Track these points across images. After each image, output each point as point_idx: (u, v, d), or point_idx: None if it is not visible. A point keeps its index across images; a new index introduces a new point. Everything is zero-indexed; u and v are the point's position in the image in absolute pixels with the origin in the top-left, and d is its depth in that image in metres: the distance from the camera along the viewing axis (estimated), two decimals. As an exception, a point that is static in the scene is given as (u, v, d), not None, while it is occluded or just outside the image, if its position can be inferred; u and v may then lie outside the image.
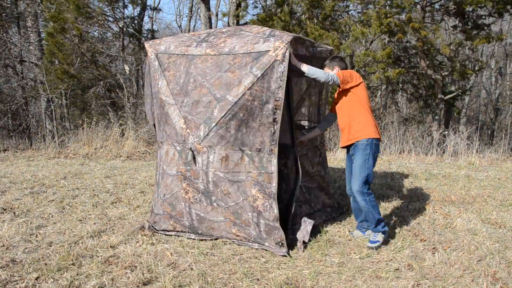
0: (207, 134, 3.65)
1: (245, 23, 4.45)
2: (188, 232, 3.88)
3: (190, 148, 3.71)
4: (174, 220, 3.93)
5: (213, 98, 3.64)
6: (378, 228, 3.71)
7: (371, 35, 9.92)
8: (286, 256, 3.49)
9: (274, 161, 3.53)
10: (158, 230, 4.00)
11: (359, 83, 3.80)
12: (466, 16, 10.21)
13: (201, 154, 3.69)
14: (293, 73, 3.81)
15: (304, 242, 3.71)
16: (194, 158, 3.72)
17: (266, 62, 3.49)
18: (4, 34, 12.11)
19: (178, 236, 3.90)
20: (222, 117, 3.57)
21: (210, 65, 3.69)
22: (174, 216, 3.92)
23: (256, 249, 3.64)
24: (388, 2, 9.70)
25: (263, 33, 3.73)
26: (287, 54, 3.46)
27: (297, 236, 3.78)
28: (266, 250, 3.60)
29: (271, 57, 3.48)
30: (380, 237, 3.70)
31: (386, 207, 4.91)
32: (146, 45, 4.04)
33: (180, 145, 3.78)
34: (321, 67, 4.05)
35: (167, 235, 3.94)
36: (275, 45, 3.49)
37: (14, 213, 4.54)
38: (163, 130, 3.91)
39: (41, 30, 12.97)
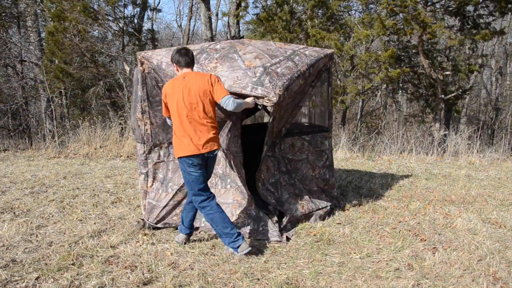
0: None
1: (242, 37, 4.49)
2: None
3: None
4: (181, 209, 3.98)
5: None
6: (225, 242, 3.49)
7: (372, 36, 9.92)
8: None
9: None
10: (158, 227, 4.03)
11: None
12: (466, 15, 10.20)
13: None
14: (290, 98, 4.08)
15: (287, 238, 3.90)
16: None
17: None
18: (4, 34, 12.11)
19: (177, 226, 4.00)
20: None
21: None
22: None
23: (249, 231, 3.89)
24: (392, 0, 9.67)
25: (254, 72, 3.75)
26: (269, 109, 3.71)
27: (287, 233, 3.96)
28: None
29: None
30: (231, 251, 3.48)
31: (386, 207, 4.91)
32: (139, 57, 4.08)
33: None
34: (317, 76, 4.36)
35: (167, 227, 4.04)
36: (260, 99, 3.65)
37: (14, 213, 4.54)
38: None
39: (41, 30, 12.98)
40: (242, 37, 4.39)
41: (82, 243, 3.66)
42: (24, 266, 3.19)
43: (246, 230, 3.88)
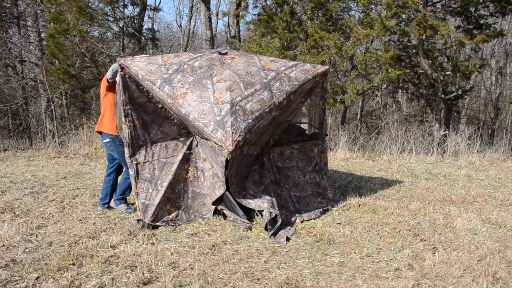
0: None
1: (226, 53, 4.45)
2: (180, 217, 4.26)
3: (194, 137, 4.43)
4: (171, 204, 4.24)
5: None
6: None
7: (372, 36, 9.92)
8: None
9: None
10: (157, 225, 4.11)
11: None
12: (468, 16, 10.20)
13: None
14: (270, 123, 4.18)
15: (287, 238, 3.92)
16: (197, 144, 4.43)
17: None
18: (4, 34, 12.11)
19: (175, 225, 4.13)
20: None
21: (177, 115, 4.15)
22: (172, 199, 4.28)
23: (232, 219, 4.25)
24: (393, 2, 9.68)
25: (220, 110, 3.76)
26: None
27: (280, 233, 3.97)
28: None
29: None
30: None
31: (386, 207, 4.91)
32: (119, 63, 4.13)
33: (183, 137, 4.41)
34: (308, 94, 4.53)
35: (164, 225, 4.14)
36: (220, 143, 3.71)
37: (15, 213, 4.54)
38: (158, 131, 4.32)
39: (41, 30, 12.98)
40: (226, 54, 4.39)
41: (82, 243, 3.66)
42: (24, 266, 3.19)
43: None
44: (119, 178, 4.82)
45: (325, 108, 4.84)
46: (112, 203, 4.77)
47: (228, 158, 3.75)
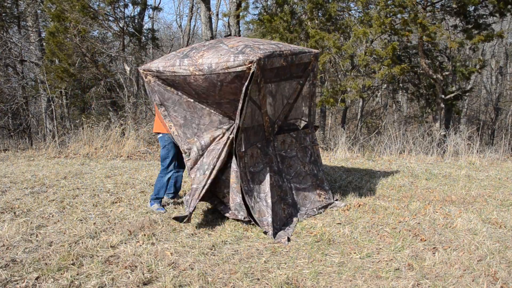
0: None
1: (229, 35, 4.70)
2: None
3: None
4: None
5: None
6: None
7: (372, 36, 9.92)
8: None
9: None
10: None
11: None
12: (467, 16, 10.20)
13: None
14: (275, 78, 4.26)
15: (288, 239, 3.92)
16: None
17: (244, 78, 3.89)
18: (4, 34, 12.11)
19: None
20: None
21: (203, 84, 4.04)
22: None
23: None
24: (389, 1, 9.70)
25: (236, 48, 3.93)
26: (251, 71, 3.78)
27: (280, 234, 3.99)
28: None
29: (246, 73, 3.83)
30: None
31: (386, 207, 4.91)
32: (141, 71, 4.34)
33: (226, 125, 4.39)
34: (303, 71, 4.51)
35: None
36: (246, 64, 3.76)
37: (15, 213, 4.54)
38: (200, 125, 4.37)
39: (41, 30, 12.98)
40: (229, 35, 4.70)
41: (82, 243, 3.66)
42: (24, 266, 3.19)
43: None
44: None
45: (314, 94, 4.92)
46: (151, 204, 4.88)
47: (253, 71, 3.76)
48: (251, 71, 3.75)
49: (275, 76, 4.30)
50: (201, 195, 4.15)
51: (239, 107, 3.88)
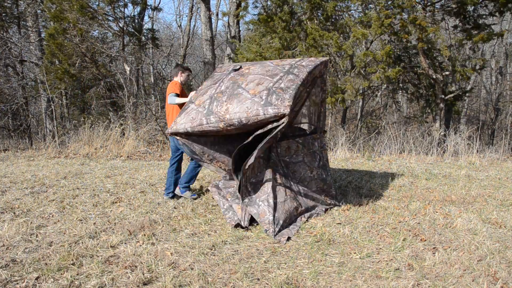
0: None
1: (239, 68, 4.60)
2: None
3: None
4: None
5: None
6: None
7: (371, 37, 9.92)
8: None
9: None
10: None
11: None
12: (466, 16, 10.20)
13: None
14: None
15: (288, 238, 3.96)
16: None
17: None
18: (4, 34, 12.11)
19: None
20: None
21: (236, 131, 4.16)
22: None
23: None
24: (389, 2, 9.70)
25: (260, 97, 3.95)
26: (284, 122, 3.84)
27: (283, 232, 4.02)
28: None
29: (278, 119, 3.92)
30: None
31: (386, 207, 4.91)
32: (168, 134, 4.46)
33: None
34: (312, 80, 4.55)
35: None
36: (278, 116, 3.84)
37: (15, 213, 4.54)
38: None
39: (41, 30, 12.97)
40: (240, 68, 4.60)
41: (82, 243, 3.66)
42: (24, 266, 3.19)
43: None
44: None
45: (324, 100, 4.93)
46: (177, 191, 5.21)
47: (284, 122, 3.80)
48: (284, 122, 3.83)
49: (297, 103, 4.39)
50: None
51: (264, 142, 3.92)
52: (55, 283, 2.96)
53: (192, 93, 4.75)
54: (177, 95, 4.97)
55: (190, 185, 5.23)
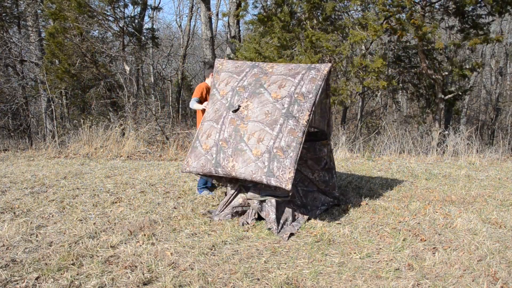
0: None
1: (237, 109, 4.61)
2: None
3: None
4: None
5: None
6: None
7: (370, 37, 9.92)
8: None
9: None
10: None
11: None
12: (465, 16, 10.19)
13: None
14: None
15: (291, 234, 4.03)
16: None
17: None
18: (4, 34, 12.11)
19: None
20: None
21: None
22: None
23: None
24: (388, 1, 9.70)
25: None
26: None
27: (285, 229, 4.09)
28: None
29: None
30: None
31: (386, 207, 4.91)
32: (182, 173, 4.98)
33: None
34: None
35: None
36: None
37: (14, 213, 4.54)
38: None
39: (41, 30, 12.97)
40: (238, 108, 4.61)
41: (82, 243, 3.66)
42: (24, 266, 3.19)
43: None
44: None
45: (330, 106, 4.94)
46: (197, 191, 5.51)
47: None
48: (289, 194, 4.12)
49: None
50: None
51: None
52: (55, 283, 2.96)
53: (207, 108, 4.71)
54: (199, 99, 5.15)
55: (208, 186, 5.54)
